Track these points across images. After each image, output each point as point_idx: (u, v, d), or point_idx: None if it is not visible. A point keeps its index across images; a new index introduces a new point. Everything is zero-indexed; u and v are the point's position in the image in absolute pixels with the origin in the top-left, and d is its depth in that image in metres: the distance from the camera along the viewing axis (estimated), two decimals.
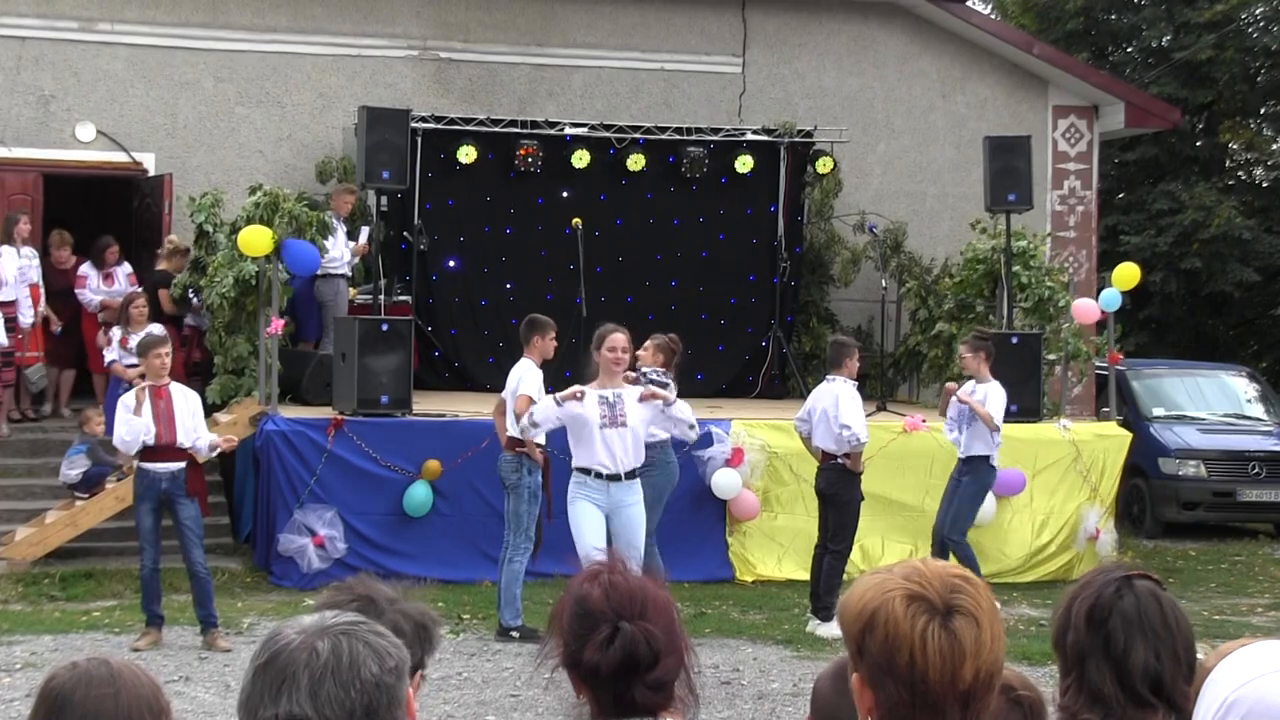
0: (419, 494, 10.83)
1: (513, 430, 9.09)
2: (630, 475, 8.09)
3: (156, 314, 11.95)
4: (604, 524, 8.01)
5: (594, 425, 8.00)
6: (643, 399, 8.15)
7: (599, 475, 8.00)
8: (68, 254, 13.01)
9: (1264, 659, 1.98)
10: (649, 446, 8.98)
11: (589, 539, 7.85)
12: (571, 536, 8.08)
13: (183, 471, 8.76)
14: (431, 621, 2.55)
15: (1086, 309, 12.73)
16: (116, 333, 11.66)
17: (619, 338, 8.22)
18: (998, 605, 2.01)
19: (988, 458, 9.97)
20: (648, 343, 9.74)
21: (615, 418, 8.04)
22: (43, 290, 12.53)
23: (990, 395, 9.88)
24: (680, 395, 12.63)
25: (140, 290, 12.18)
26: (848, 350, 9.71)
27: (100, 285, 12.81)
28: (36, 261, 12.55)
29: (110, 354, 11.73)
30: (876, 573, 1.95)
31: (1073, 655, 2.49)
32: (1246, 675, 1.96)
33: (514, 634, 9.13)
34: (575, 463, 8.12)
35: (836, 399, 9.42)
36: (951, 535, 9.90)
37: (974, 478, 10.01)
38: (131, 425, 8.64)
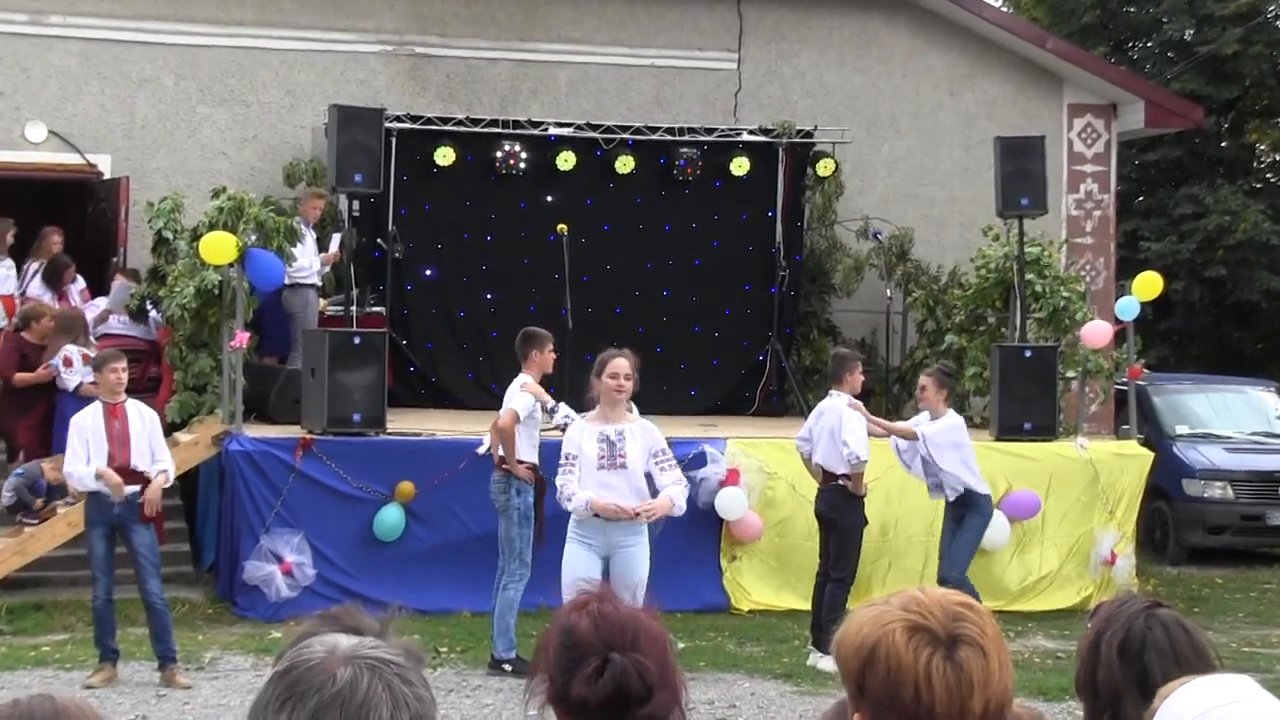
0: (391, 517, 10.83)
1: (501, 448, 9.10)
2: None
3: None
4: (598, 564, 7.99)
5: (591, 466, 7.97)
6: (650, 515, 8.02)
7: (595, 517, 7.98)
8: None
9: (1225, 691, 2.03)
10: None
11: (578, 571, 7.83)
12: (558, 565, 8.09)
13: (137, 496, 8.74)
14: (419, 658, 2.57)
15: (1097, 333, 12.74)
16: (75, 350, 11.60)
17: (622, 363, 8.08)
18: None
19: (975, 490, 9.98)
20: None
21: (614, 458, 7.97)
22: (17, 301, 12.57)
23: (941, 423, 9.91)
24: (672, 413, 12.75)
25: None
26: (849, 363, 9.75)
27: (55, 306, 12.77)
28: (13, 272, 12.58)
29: (73, 376, 11.56)
30: (872, 604, 1.97)
31: (1106, 693, 2.52)
32: (1208, 705, 2.00)
33: (506, 667, 9.12)
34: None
35: (840, 415, 9.46)
36: (950, 573, 9.91)
37: (969, 513, 10.02)
38: (80, 474, 8.66)
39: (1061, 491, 11.94)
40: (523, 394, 9.01)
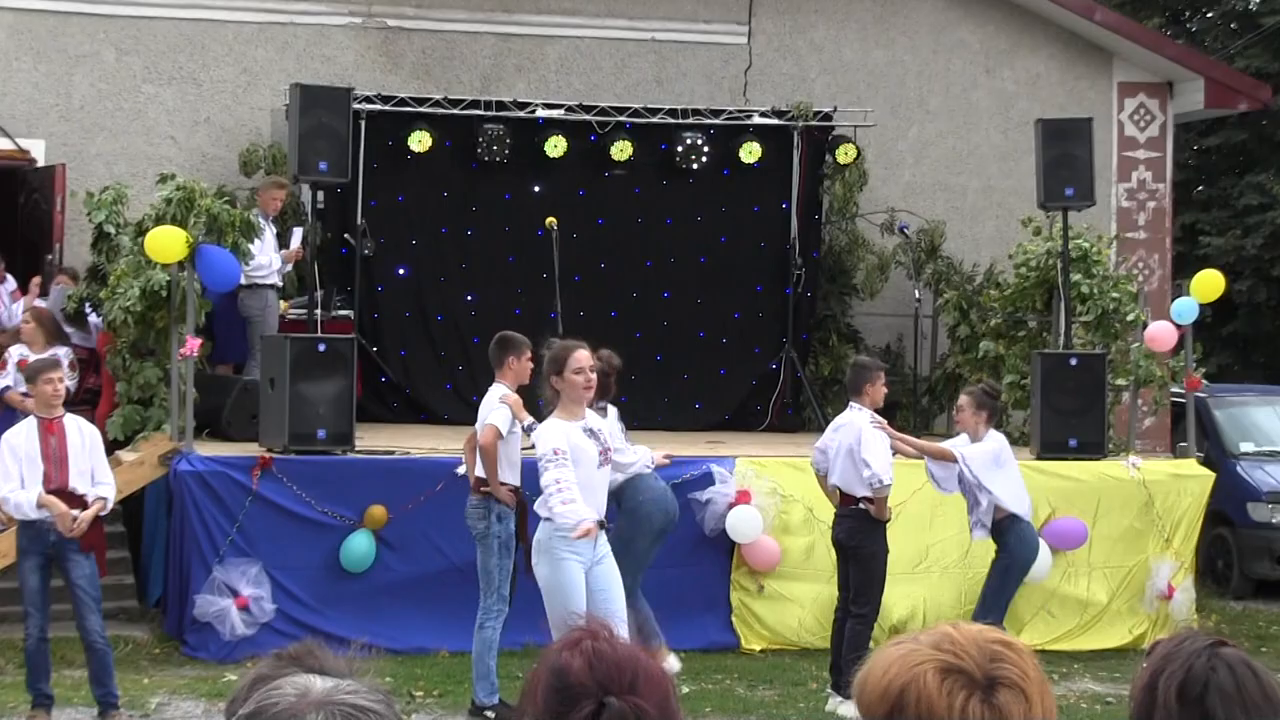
0: (360, 545, 10.84)
1: (481, 470, 9.11)
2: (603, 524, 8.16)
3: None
4: (584, 587, 8.01)
5: (589, 463, 8.00)
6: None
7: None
8: None
9: None
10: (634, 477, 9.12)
11: (572, 602, 7.82)
12: (539, 596, 8.09)
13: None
14: (390, 705, 2.57)
15: (1162, 334, 12.73)
16: (15, 353, 11.63)
17: (585, 356, 8.16)
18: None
19: (1015, 524, 9.99)
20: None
21: (606, 452, 8.08)
22: None
23: (982, 445, 9.95)
24: (674, 428, 12.77)
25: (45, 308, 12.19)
26: (870, 374, 9.75)
27: None
28: None
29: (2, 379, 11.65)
30: (899, 643, 1.97)
31: None
32: None
33: (489, 714, 9.12)
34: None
35: (859, 432, 9.47)
36: (986, 620, 9.92)
37: (1003, 552, 10.04)
38: (17, 501, 8.65)
39: (1111, 517, 11.94)
40: (502, 407, 9.02)
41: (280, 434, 10.91)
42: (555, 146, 13.84)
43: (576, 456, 7.97)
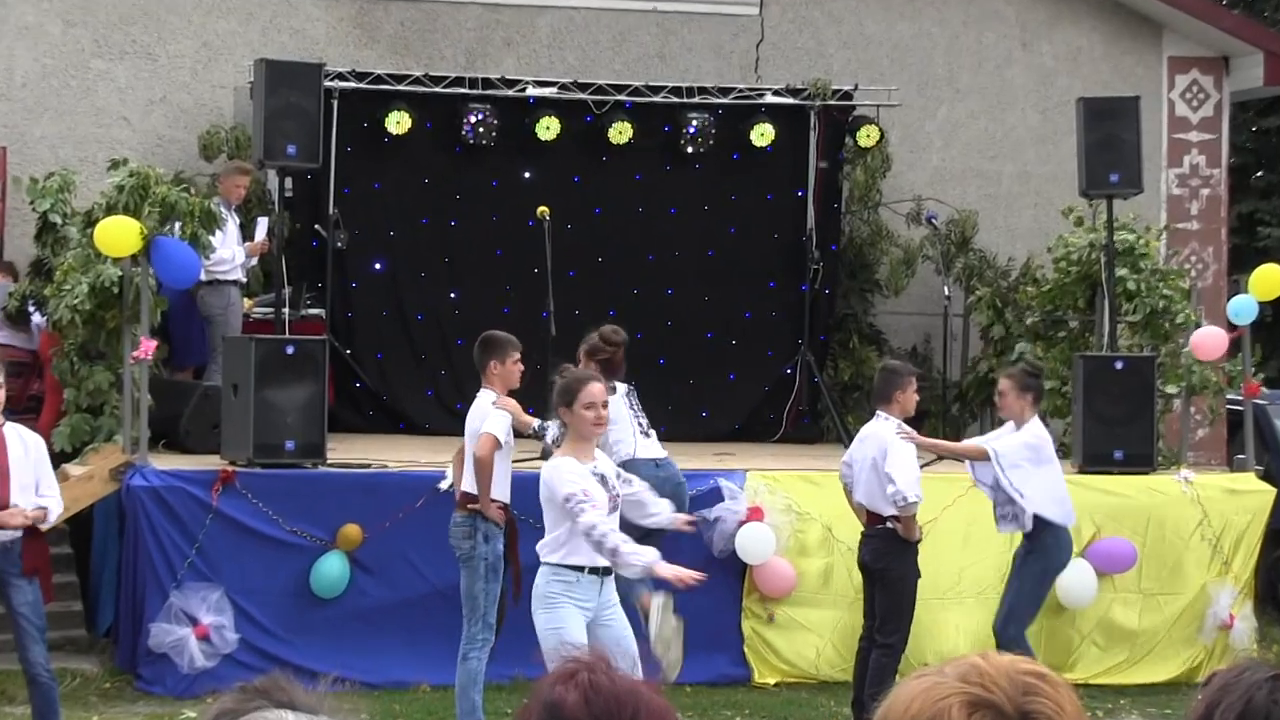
0: (333, 568, 10.84)
1: (469, 484, 9.11)
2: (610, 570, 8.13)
3: None
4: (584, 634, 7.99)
5: (603, 512, 7.97)
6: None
7: (594, 572, 7.99)
8: None
9: None
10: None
11: (568, 634, 7.81)
12: (529, 623, 8.08)
13: (17, 543, 8.72)
14: None
15: (1209, 342, 12.72)
16: None
17: (599, 390, 8.08)
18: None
19: (1052, 523, 10.01)
20: (581, 350, 9.83)
21: (614, 499, 8.03)
22: None
23: (1018, 436, 10.02)
24: (679, 439, 12.75)
25: None
26: (900, 379, 9.75)
27: None
28: None
29: None
30: (923, 675, 1.97)
31: None
32: None
33: None
34: (562, 558, 8.04)
35: (885, 444, 9.48)
36: (1007, 631, 9.94)
37: (1038, 553, 10.07)
38: None
39: (1161, 536, 11.93)
40: (499, 413, 9.01)
41: (244, 445, 10.90)
42: (547, 128, 13.84)
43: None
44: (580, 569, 7.95)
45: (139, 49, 14.20)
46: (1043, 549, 10.08)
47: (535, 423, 9.18)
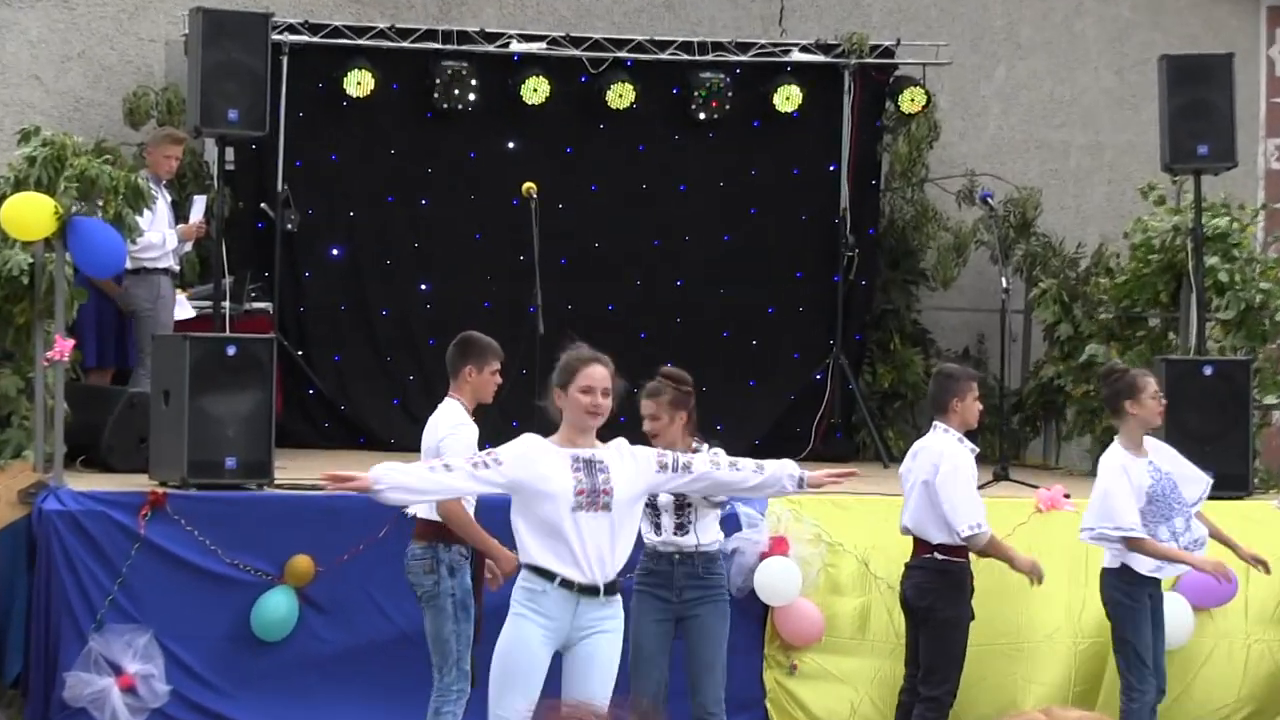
0: (278, 607, 10.83)
1: (429, 510, 9.09)
2: (610, 589, 8.03)
3: None
4: (546, 659, 7.94)
5: (562, 502, 7.95)
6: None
7: (565, 584, 7.94)
8: None
9: None
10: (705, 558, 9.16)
11: (511, 696, 7.78)
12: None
13: None
14: None
15: None
16: None
17: (600, 373, 8.04)
18: None
19: (1127, 569, 9.97)
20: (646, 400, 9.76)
21: (596, 494, 7.95)
22: None
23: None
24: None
25: None
26: (958, 385, 9.74)
27: None
28: None
29: None
30: None
31: None
32: None
33: None
34: (527, 558, 8.06)
35: (939, 458, 9.44)
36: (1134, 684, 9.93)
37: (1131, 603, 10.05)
38: None
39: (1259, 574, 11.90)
40: (455, 435, 9.02)
41: (177, 463, 10.88)
42: (534, 90, 13.84)
43: (546, 488, 7.85)
44: (550, 577, 7.88)
45: None
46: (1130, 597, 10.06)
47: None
